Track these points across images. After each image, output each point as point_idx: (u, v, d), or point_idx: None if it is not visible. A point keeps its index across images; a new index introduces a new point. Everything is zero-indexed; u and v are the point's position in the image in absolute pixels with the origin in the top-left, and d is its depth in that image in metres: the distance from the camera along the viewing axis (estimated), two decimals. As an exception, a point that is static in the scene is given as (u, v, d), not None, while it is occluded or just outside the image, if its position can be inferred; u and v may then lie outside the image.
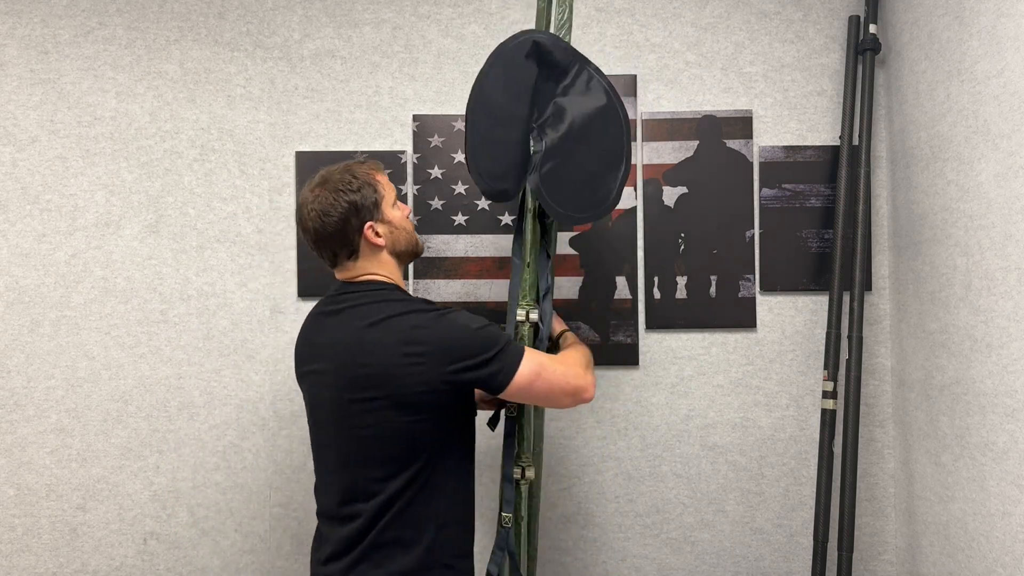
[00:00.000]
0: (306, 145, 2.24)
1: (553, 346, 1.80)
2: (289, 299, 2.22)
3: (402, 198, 2.22)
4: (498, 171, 1.64)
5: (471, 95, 1.65)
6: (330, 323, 1.47)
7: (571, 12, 1.80)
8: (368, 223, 1.48)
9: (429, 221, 2.23)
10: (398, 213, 1.55)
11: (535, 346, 1.69)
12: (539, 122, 1.69)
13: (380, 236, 1.50)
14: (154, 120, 2.23)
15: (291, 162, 2.24)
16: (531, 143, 1.69)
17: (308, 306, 2.22)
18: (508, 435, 1.66)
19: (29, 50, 2.21)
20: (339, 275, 1.54)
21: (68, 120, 2.21)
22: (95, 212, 2.21)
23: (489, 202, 2.24)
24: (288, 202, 2.24)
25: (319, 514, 1.51)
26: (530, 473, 1.64)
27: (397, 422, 1.38)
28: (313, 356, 1.48)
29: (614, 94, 1.74)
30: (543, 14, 1.84)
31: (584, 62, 1.73)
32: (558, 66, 1.70)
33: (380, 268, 1.52)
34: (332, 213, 1.45)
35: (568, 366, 1.51)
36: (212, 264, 2.22)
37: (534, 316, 1.68)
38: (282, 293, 2.23)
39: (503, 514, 1.64)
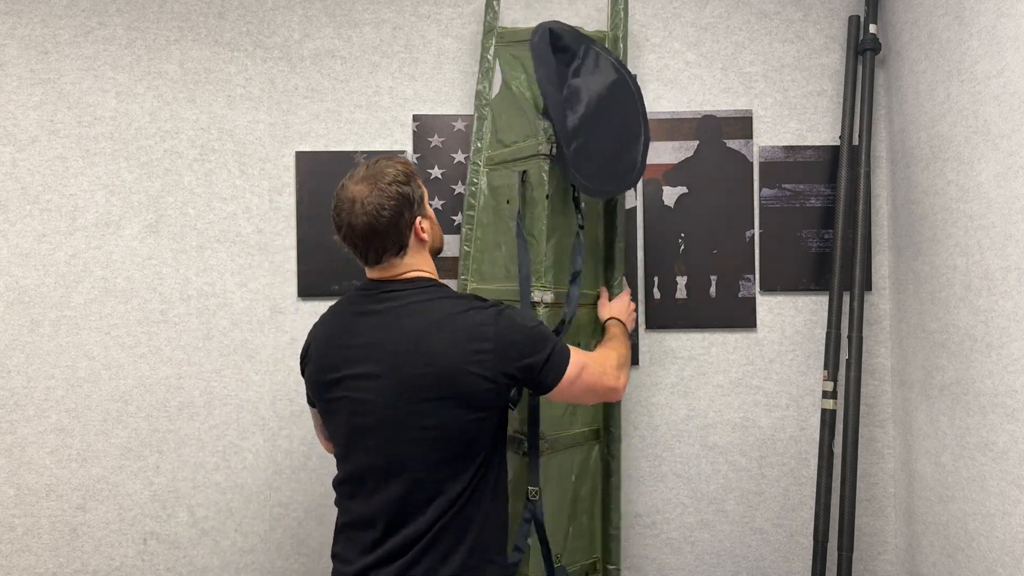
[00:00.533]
0: (306, 145, 2.24)
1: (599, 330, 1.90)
2: (289, 299, 2.22)
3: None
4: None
5: (544, 99, 1.73)
6: (372, 324, 1.41)
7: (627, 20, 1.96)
8: (418, 217, 1.45)
9: (429, 221, 2.23)
10: (431, 210, 1.54)
11: (558, 330, 1.73)
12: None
13: (425, 232, 1.47)
14: (154, 120, 2.23)
15: (291, 162, 2.24)
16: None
17: (308, 306, 2.22)
18: (532, 411, 1.71)
19: (29, 50, 2.21)
20: (376, 273, 1.46)
21: (68, 120, 2.21)
22: (95, 212, 2.21)
23: (489, 202, 2.24)
24: (288, 202, 2.24)
25: (349, 524, 1.44)
26: (543, 447, 1.80)
27: (462, 421, 1.36)
28: (354, 359, 1.41)
29: (622, 67, 1.84)
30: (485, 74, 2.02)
31: (590, 41, 1.82)
32: (568, 49, 1.77)
33: (424, 264, 1.48)
34: (387, 206, 1.39)
35: (604, 366, 1.53)
36: (212, 264, 2.22)
37: (548, 297, 1.77)
38: (282, 293, 2.23)
39: (530, 487, 1.70)
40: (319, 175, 2.22)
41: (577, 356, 1.46)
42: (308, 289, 2.22)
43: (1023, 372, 1.63)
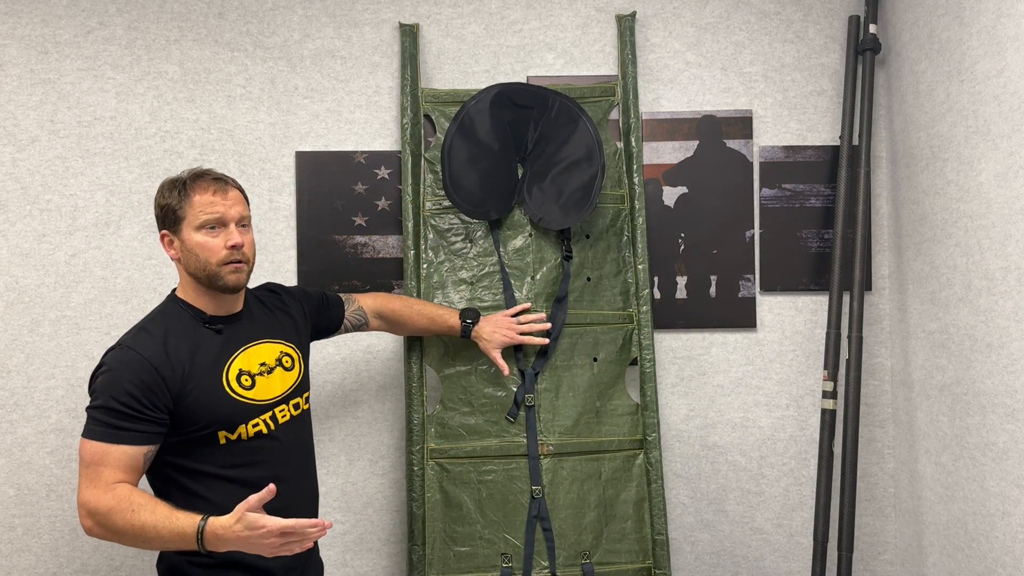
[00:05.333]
0: (306, 145, 2.24)
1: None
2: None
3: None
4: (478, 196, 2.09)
5: (451, 138, 2.12)
6: None
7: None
8: (163, 231, 1.54)
9: (429, 221, 2.23)
10: (197, 238, 1.49)
11: (545, 350, 2.08)
12: (525, 152, 2.14)
13: (174, 250, 1.53)
14: (154, 120, 2.23)
15: (291, 162, 2.24)
16: (518, 170, 2.14)
17: (308, 306, 2.22)
18: (529, 421, 2.03)
19: (29, 50, 2.21)
20: None
21: (68, 120, 2.21)
22: (95, 212, 2.21)
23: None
24: (288, 202, 2.23)
25: None
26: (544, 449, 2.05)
27: None
28: None
29: (579, 109, 2.15)
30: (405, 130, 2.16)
31: (550, 93, 2.15)
32: (526, 105, 2.14)
33: (181, 279, 1.57)
34: (155, 206, 1.56)
35: (87, 490, 1.39)
36: (212, 264, 2.22)
37: (543, 317, 2.06)
38: (282, 293, 2.22)
39: (533, 487, 2.01)
40: (319, 175, 2.22)
41: (81, 450, 1.41)
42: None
43: (1023, 372, 1.64)
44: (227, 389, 1.51)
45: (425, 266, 2.14)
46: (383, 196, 2.22)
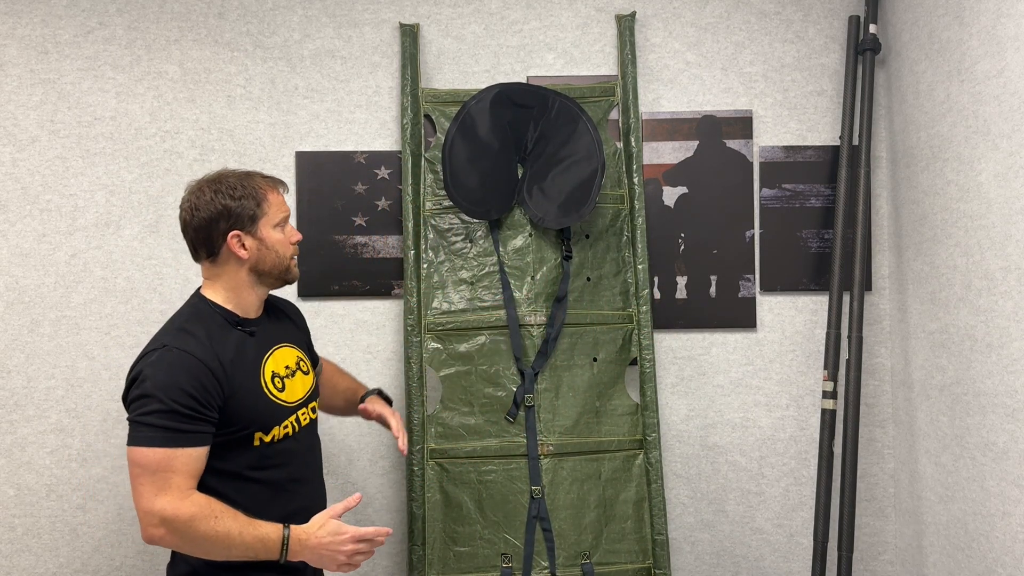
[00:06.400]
0: (306, 145, 2.24)
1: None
2: (289, 299, 2.22)
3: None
4: (478, 195, 2.09)
5: (451, 138, 2.11)
6: None
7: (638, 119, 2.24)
8: (235, 232, 1.49)
9: (429, 221, 2.23)
10: (277, 235, 1.55)
11: (541, 347, 2.08)
12: (525, 152, 2.14)
13: (246, 249, 1.51)
14: (154, 120, 2.23)
15: (291, 162, 2.24)
16: (518, 170, 2.14)
17: (308, 306, 2.22)
18: (529, 421, 2.04)
19: (29, 50, 2.21)
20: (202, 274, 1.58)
21: (68, 120, 2.21)
22: (95, 212, 2.21)
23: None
24: (288, 203, 2.23)
25: None
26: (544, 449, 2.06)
27: None
28: None
29: (579, 109, 2.15)
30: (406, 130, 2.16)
31: (550, 93, 2.15)
32: (526, 105, 2.15)
33: (225, 280, 1.54)
34: (203, 210, 1.49)
35: (151, 497, 1.36)
36: (212, 264, 2.22)
37: (540, 319, 2.08)
38: (282, 293, 2.22)
39: (533, 487, 2.01)
40: (319, 175, 2.22)
41: (141, 458, 1.36)
42: (308, 289, 2.22)
43: (1023, 372, 1.64)
44: (265, 391, 1.52)
45: (425, 266, 2.14)
46: (383, 196, 2.23)
